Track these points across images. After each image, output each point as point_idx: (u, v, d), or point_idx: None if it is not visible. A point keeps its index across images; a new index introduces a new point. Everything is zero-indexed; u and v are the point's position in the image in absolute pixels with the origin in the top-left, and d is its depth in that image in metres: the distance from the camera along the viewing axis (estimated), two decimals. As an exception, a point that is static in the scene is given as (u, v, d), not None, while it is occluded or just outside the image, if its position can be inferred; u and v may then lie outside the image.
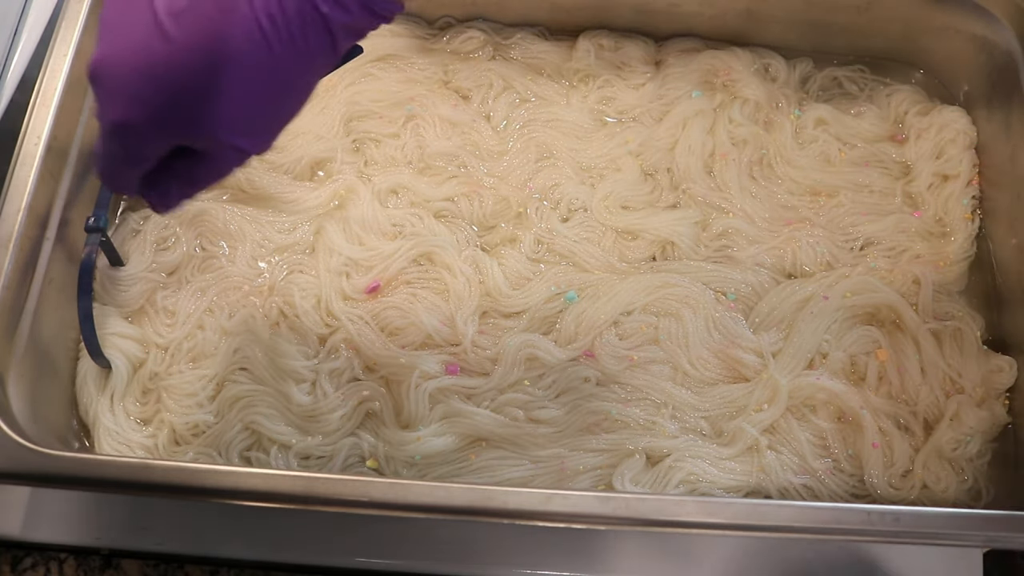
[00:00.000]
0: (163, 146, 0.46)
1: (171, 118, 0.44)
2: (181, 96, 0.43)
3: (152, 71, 0.43)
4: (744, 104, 0.82)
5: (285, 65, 0.44)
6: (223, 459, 0.67)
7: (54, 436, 0.65)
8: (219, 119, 0.44)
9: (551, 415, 0.69)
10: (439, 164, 0.79)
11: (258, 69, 0.44)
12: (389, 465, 0.67)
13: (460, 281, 0.73)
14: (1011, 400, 0.72)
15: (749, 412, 0.70)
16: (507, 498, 0.57)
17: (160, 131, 0.44)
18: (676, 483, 0.67)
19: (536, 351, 0.70)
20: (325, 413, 0.68)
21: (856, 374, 0.73)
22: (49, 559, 0.68)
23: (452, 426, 0.68)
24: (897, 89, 0.84)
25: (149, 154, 0.46)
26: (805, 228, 0.77)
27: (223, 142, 0.46)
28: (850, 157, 0.81)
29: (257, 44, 0.43)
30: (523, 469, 0.67)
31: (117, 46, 0.43)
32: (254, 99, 0.45)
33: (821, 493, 0.68)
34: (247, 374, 0.70)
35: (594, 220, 0.77)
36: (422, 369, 0.69)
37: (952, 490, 0.69)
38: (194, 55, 0.42)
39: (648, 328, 0.72)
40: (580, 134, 0.81)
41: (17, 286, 0.64)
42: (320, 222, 0.75)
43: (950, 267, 0.76)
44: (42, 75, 0.69)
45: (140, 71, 0.43)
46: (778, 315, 0.73)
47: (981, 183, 0.80)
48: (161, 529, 0.68)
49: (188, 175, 0.48)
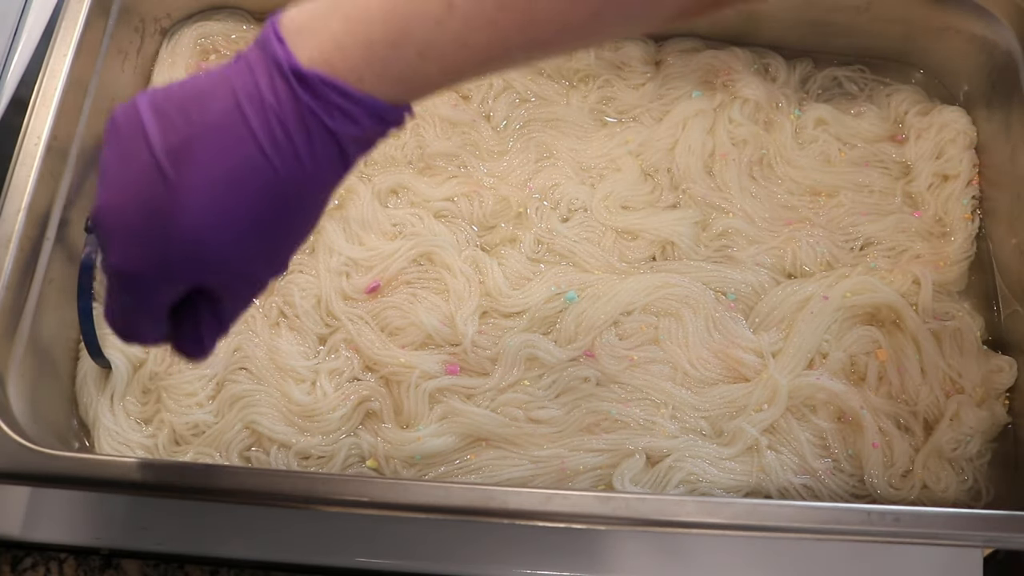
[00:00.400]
0: (176, 290, 0.43)
1: (179, 261, 0.41)
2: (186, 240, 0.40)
3: (154, 216, 0.40)
4: (744, 104, 0.82)
5: (294, 185, 0.41)
6: (223, 459, 0.67)
7: (54, 436, 0.65)
8: (229, 255, 0.41)
9: (551, 415, 0.69)
10: (439, 164, 0.79)
11: (264, 194, 0.40)
12: (389, 465, 0.67)
13: (460, 281, 0.73)
14: (1011, 400, 0.72)
15: (749, 412, 0.70)
16: (507, 498, 0.57)
17: (170, 276, 0.42)
18: (676, 483, 0.67)
19: (536, 351, 0.70)
20: (325, 413, 0.68)
21: (856, 374, 0.73)
22: (49, 559, 0.68)
23: (452, 426, 0.68)
24: (897, 89, 0.84)
25: (163, 300, 0.43)
26: (805, 228, 0.77)
27: (238, 276, 0.43)
28: (850, 157, 0.81)
29: (260, 169, 0.40)
30: (523, 469, 0.67)
31: (116, 190, 0.41)
32: (265, 226, 0.42)
33: (821, 493, 0.68)
34: (247, 374, 0.70)
35: (594, 220, 0.77)
36: (422, 369, 0.69)
37: (952, 490, 0.69)
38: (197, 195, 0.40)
39: (648, 328, 0.72)
40: (580, 134, 0.81)
41: (17, 286, 0.64)
42: (320, 222, 0.75)
43: (950, 267, 0.76)
44: (42, 75, 0.69)
45: (142, 215, 0.40)
46: (778, 315, 0.73)
47: (981, 183, 0.80)
48: (161, 529, 0.68)
49: (213, 315, 0.45)
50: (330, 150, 0.41)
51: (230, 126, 0.40)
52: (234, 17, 0.84)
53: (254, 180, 0.40)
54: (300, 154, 0.40)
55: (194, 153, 0.40)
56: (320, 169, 0.41)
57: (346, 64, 0.39)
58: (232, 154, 0.40)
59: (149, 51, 0.82)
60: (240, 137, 0.40)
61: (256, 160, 0.40)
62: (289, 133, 0.40)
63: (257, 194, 0.40)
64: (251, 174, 0.40)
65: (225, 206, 0.40)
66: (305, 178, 0.41)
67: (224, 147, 0.40)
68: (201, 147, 0.40)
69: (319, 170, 0.41)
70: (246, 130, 0.39)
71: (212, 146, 0.40)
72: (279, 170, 0.40)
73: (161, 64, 0.82)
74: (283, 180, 0.40)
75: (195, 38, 0.83)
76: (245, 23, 0.84)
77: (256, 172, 0.40)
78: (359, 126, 0.41)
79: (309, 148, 0.40)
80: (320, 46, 0.39)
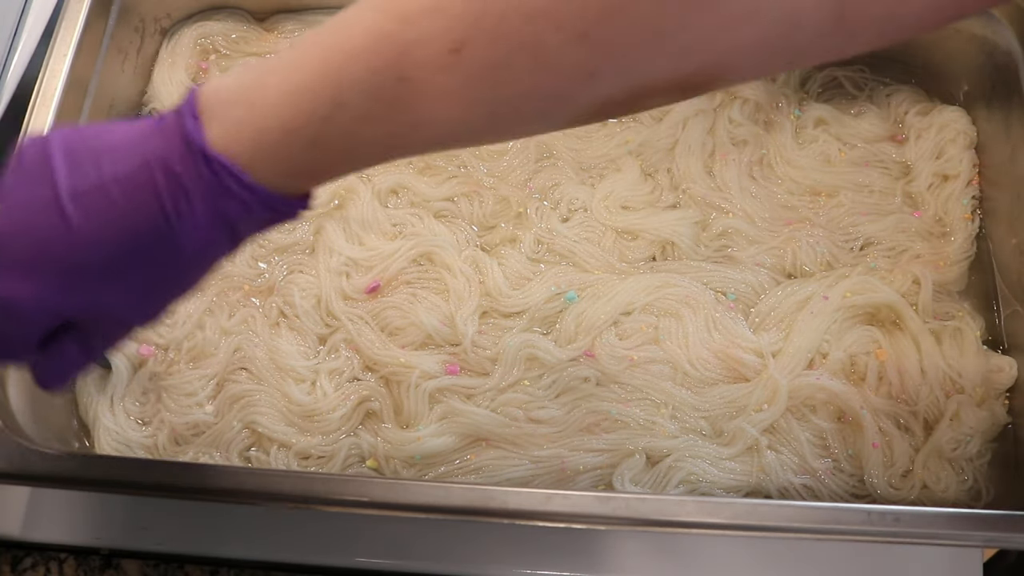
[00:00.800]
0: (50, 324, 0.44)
1: (61, 300, 0.43)
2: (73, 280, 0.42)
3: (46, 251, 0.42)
4: (744, 104, 0.82)
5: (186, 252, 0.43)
6: (223, 459, 0.67)
7: (54, 436, 0.65)
8: (113, 301, 0.44)
9: (551, 415, 0.69)
10: (439, 164, 0.79)
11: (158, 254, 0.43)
12: (389, 465, 0.67)
13: (460, 281, 0.73)
14: (1011, 400, 0.72)
15: (749, 412, 0.70)
16: (507, 498, 0.57)
17: (47, 311, 0.43)
18: (676, 483, 0.67)
19: (536, 351, 0.70)
20: (325, 413, 0.68)
21: (856, 374, 0.73)
22: (49, 559, 0.68)
23: (452, 426, 0.68)
24: (897, 89, 0.84)
25: (37, 328, 0.44)
26: (805, 228, 0.77)
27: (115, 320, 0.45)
28: (850, 157, 0.81)
29: (159, 232, 0.42)
30: (523, 469, 0.67)
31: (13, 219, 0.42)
32: (151, 283, 0.44)
33: (821, 493, 0.68)
34: (247, 374, 0.70)
35: (594, 220, 0.77)
36: (422, 369, 0.69)
37: (952, 490, 0.69)
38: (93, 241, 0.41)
39: (648, 328, 0.72)
40: (580, 134, 0.81)
41: (17, 286, 0.64)
42: (320, 222, 0.75)
43: (950, 267, 0.76)
44: (42, 75, 0.69)
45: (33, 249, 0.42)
46: (778, 315, 0.73)
47: (981, 183, 0.80)
48: (161, 529, 0.68)
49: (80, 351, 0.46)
50: (223, 229, 0.43)
51: (140, 186, 0.41)
52: (234, 17, 0.84)
53: (151, 240, 0.42)
54: (198, 225, 0.42)
55: (99, 201, 0.41)
56: (213, 242, 0.43)
57: (241, 150, 0.41)
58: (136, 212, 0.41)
59: (149, 51, 0.82)
60: (147, 199, 0.41)
61: (158, 222, 0.41)
62: (192, 205, 0.41)
63: (151, 252, 0.42)
64: (150, 234, 0.42)
65: (119, 257, 0.42)
66: (198, 248, 0.43)
67: (131, 204, 0.41)
68: (107, 198, 0.41)
69: (212, 243, 0.43)
70: (153, 194, 0.41)
71: (119, 200, 0.41)
72: (177, 236, 0.42)
73: (161, 64, 0.82)
74: (179, 246, 0.42)
75: (195, 38, 0.83)
76: (245, 23, 0.84)
77: (155, 233, 0.42)
78: (250, 213, 0.42)
79: (206, 221, 0.42)
80: (224, 130, 0.41)
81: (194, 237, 0.42)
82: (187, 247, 0.43)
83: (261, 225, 0.44)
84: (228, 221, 0.42)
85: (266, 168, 0.41)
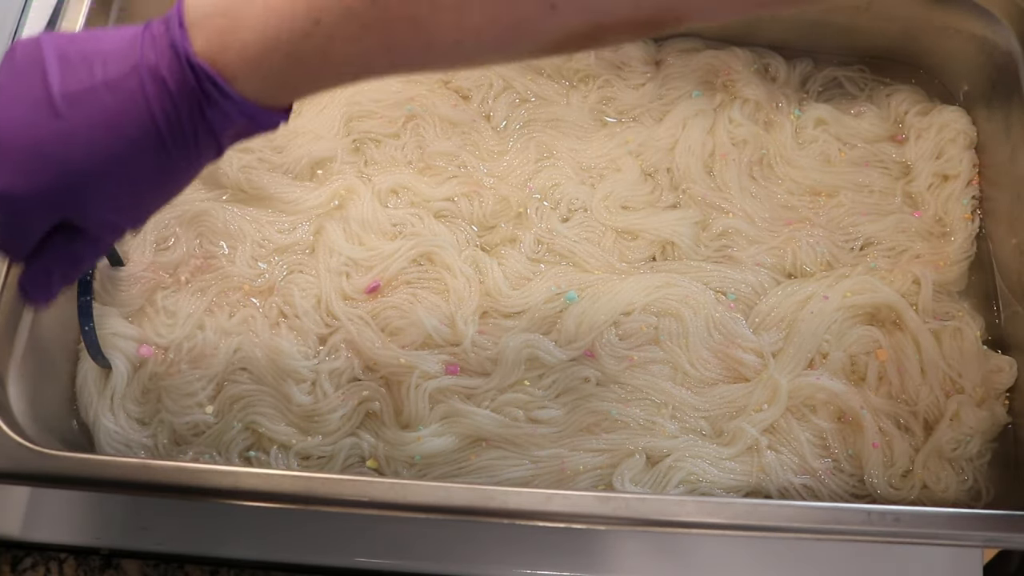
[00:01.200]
0: (46, 220, 0.46)
1: (55, 195, 0.44)
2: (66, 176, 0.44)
3: (40, 148, 0.43)
4: (744, 104, 0.82)
5: (173, 157, 0.45)
6: (223, 459, 0.67)
7: (54, 436, 0.65)
8: (102, 201, 0.45)
9: (551, 415, 0.69)
10: (439, 164, 0.79)
11: (147, 161, 0.44)
12: (389, 465, 0.67)
13: (460, 281, 0.73)
14: (1011, 400, 0.72)
15: (749, 412, 0.70)
16: (507, 498, 0.57)
17: (43, 206, 0.45)
18: (676, 483, 0.67)
19: (536, 351, 0.70)
20: (325, 413, 0.68)
21: (856, 374, 0.73)
22: (49, 559, 0.68)
23: (452, 426, 0.68)
24: (897, 89, 0.84)
25: (34, 228, 0.46)
26: (805, 228, 0.77)
27: (103, 221, 0.47)
28: (850, 157, 0.81)
29: (150, 139, 0.44)
30: (523, 469, 0.67)
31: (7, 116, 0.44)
32: (139, 185, 0.46)
33: (821, 493, 0.68)
34: (247, 374, 0.70)
35: (594, 220, 0.77)
36: (422, 369, 0.69)
37: (952, 490, 0.69)
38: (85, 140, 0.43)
39: (648, 328, 0.72)
40: (580, 134, 0.81)
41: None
42: (320, 222, 0.75)
43: (950, 267, 0.76)
44: (42, 75, 0.69)
45: (28, 146, 0.43)
46: (778, 315, 0.73)
47: (981, 183, 0.80)
48: (161, 529, 0.68)
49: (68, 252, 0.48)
50: (207, 135, 0.45)
51: (131, 91, 0.43)
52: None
53: (141, 143, 0.44)
54: (185, 132, 0.44)
55: (91, 103, 0.43)
56: (198, 149, 0.45)
57: (225, 60, 0.43)
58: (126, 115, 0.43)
59: (149, 51, 0.81)
60: (137, 103, 0.43)
61: (147, 126, 0.43)
62: (179, 111, 0.43)
63: (141, 156, 0.44)
64: (140, 137, 0.44)
65: (110, 157, 0.44)
66: (183, 153, 0.45)
67: (122, 107, 0.43)
68: (99, 100, 0.43)
69: (197, 150, 0.45)
70: (143, 98, 0.43)
71: (111, 102, 0.43)
72: (166, 141, 0.44)
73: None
74: (167, 150, 0.44)
75: (195, 38, 0.83)
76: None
77: (145, 137, 0.44)
78: (232, 121, 0.44)
79: (192, 128, 0.44)
80: (208, 39, 0.43)
81: (180, 142, 0.44)
82: (174, 151, 0.44)
83: (243, 134, 0.46)
84: (211, 128, 0.44)
85: (248, 80, 0.43)
